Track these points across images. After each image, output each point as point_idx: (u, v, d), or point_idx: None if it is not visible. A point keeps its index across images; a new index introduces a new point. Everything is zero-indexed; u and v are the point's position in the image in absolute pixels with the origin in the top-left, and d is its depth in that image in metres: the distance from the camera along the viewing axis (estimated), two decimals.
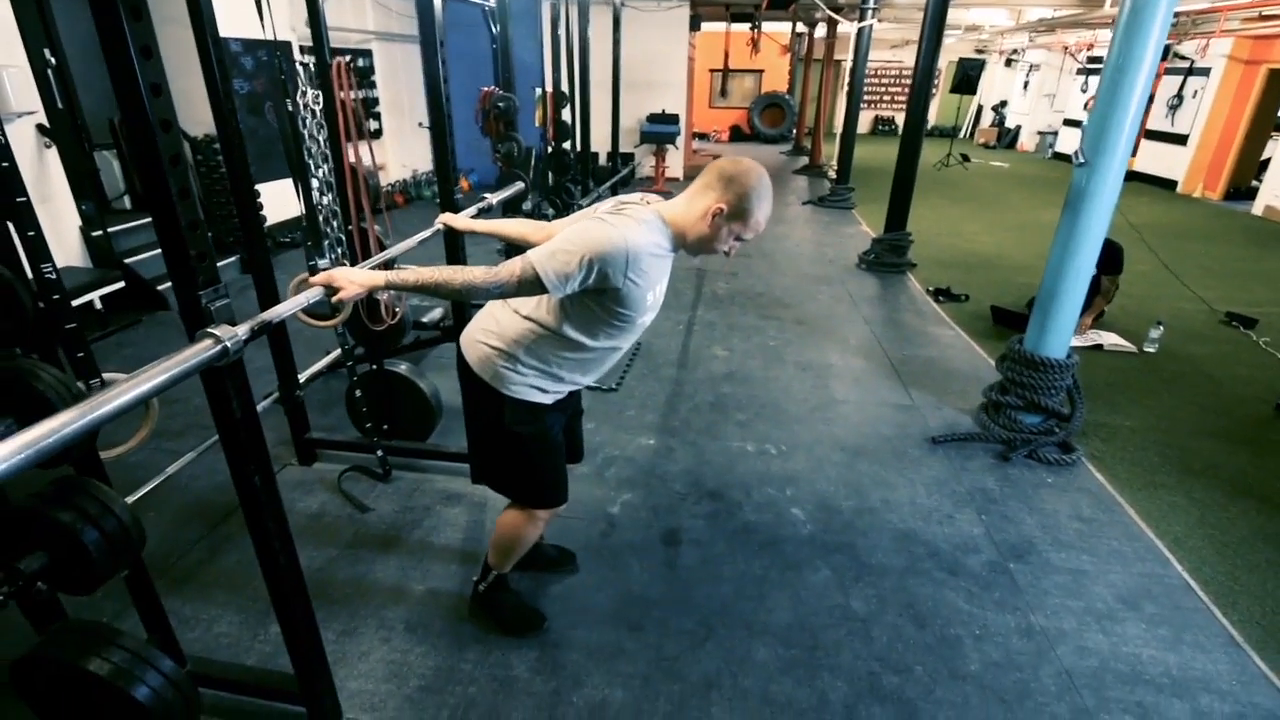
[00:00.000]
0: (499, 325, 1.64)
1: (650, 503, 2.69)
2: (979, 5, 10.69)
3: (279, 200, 5.63)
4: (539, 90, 5.41)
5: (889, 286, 5.65)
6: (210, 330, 1.14)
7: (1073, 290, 2.96)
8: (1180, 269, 5.71)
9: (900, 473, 2.92)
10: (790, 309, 4.97)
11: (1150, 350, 4.29)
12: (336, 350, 3.50)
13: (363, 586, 2.23)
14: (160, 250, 1.18)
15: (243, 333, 1.18)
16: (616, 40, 5.27)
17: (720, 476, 2.87)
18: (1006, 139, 16.61)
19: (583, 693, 1.86)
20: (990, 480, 2.88)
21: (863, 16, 7.95)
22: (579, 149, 5.19)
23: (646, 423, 3.30)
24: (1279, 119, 9.67)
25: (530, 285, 1.40)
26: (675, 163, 10.46)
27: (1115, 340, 4.36)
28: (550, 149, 5.07)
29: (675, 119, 9.87)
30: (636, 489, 2.78)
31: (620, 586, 2.25)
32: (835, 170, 9.39)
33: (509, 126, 4.39)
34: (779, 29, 14.71)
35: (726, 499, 2.72)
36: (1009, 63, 16.82)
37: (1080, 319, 3.15)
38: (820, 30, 12.84)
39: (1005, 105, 17.11)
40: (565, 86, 5.27)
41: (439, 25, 2.10)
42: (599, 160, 8.84)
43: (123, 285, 4.37)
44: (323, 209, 2.58)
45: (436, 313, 3.98)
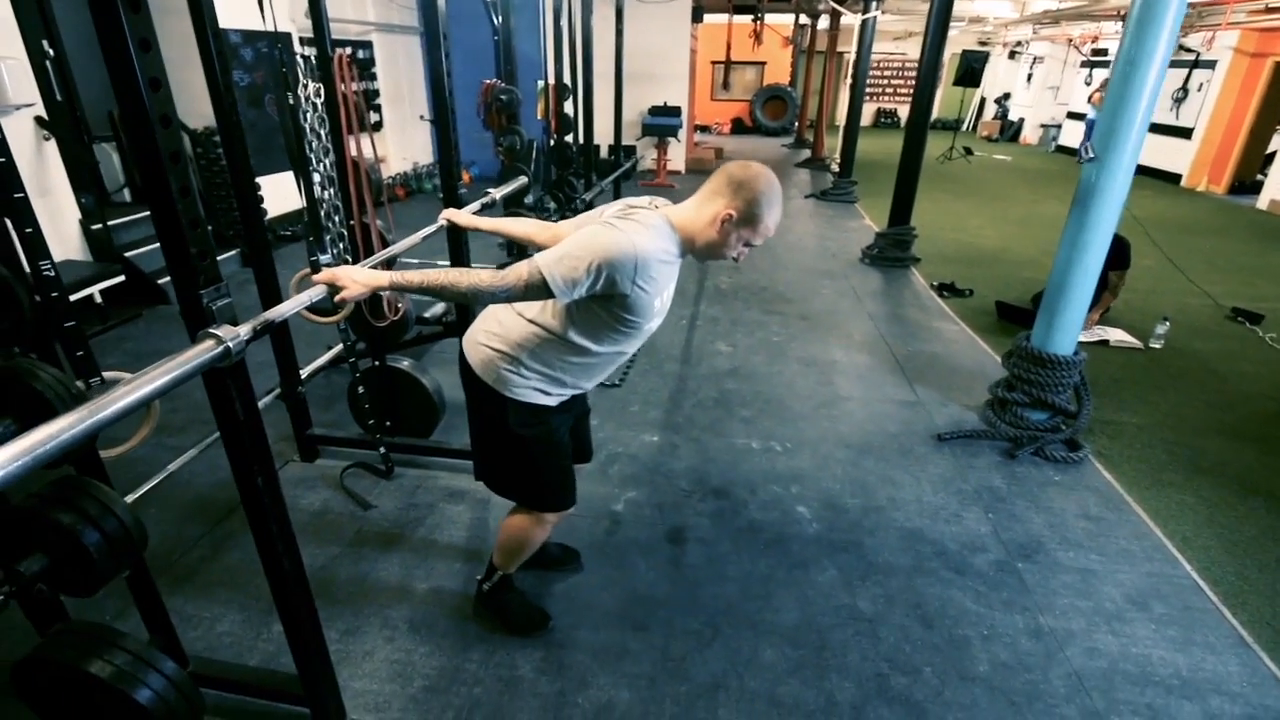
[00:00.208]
0: (502, 328, 1.62)
1: (655, 500, 2.67)
2: None
3: (280, 193, 5.60)
4: (541, 83, 5.37)
5: (893, 281, 5.62)
6: (212, 331, 1.11)
7: (1081, 286, 2.93)
8: (1185, 264, 5.68)
9: (906, 470, 2.90)
10: (793, 304, 4.94)
11: (1156, 346, 4.26)
12: (338, 346, 3.48)
13: (366, 585, 2.22)
14: (160, 244, 1.16)
15: (245, 333, 1.16)
16: (619, 31, 5.22)
17: (725, 474, 2.85)
18: (1009, 132, 16.53)
19: (588, 694, 1.85)
20: (997, 478, 2.86)
21: (866, 8, 7.89)
22: (582, 142, 5.14)
23: (650, 419, 3.28)
24: None
25: (537, 290, 1.38)
26: (677, 155, 10.41)
27: (1121, 336, 4.33)
28: (553, 142, 5.03)
29: (677, 111, 9.82)
30: (641, 486, 2.76)
31: (625, 585, 2.23)
32: (838, 164, 9.34)
33: (511, 120, 4.35)
34: (782, 21, 14.64)
35: (732, 497, 2.70)
36: (1013, 55, 16.74)
37: (1087, 315, 3.12)
38: (823, 22, 12.76)
39: (1008, 98, 17.02)
40: (567, 79, 5.22)
41: (442, 18, 2.06)
42: (600, 153, 8.78)
43: (123, 279, 4.35)
44: (324, 204, 2.55)
45: (439, 308, 3.95)
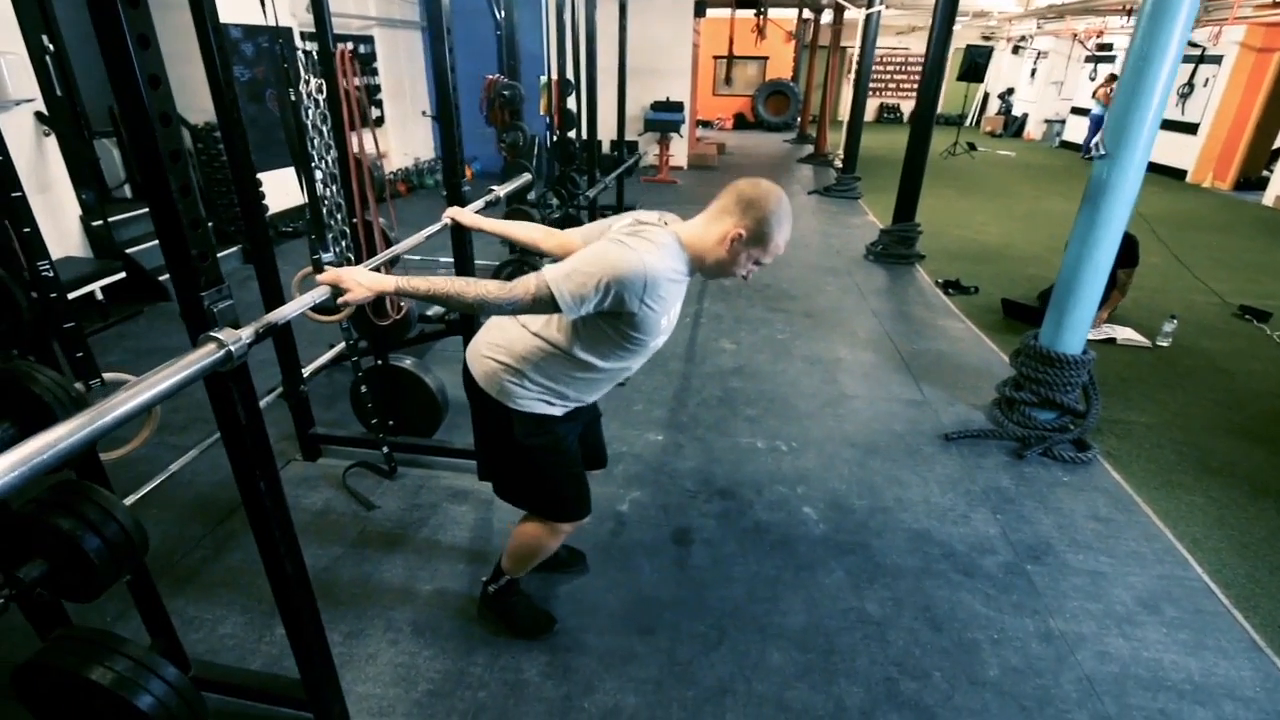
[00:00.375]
0: (507, 340, 1.61)
1: (660, 501, 2.65)
2: None
3: (281, 189, 5.58)
4: (543, 78, 5.32)
5: (897, 278, 5.59)
6: (213, 334, 1.09)
7: (1091, 285, 2.90)
8: (1191, 261, 5.64)
9: (913, 470, 2.87)
10: (798, 301, 4.91)
11: (1163, 344, 4.23)
12: (340, 344, 3.46)
13: (369, 587, 2.20)
14: (160, 245, 1.13)
15: (247, 337, 1.13)
16: (622, 26, 5.17)
17: (730, 474, 2.83)
18: (1013, 127, 16.46)
19: (595, 698, 1.83)
20: (1005, 479, 2.84)
21: (870, 3, 7.84)
22: (585, 138, 5.10)
23: (654, 418, 3.26)
24: None
25: (544, 304, 1.37)
26: (679, 151, 10.36)
27: (1128, 335, 4.30)
28: (555, 138, 4.99)
29: (680, 107, 9.77)
30: (646, 486, 2.73)
31: (631, 587, 2.21)
32: (841, 159, 9.30)
33: (514, 115, 4.32)
34: (785, 15, 14.57)
35: (737, 497, 2.68)
36: (1016, 50, 16.65)
37: (1096, 313, 3.09)
38: (826, 16, 12.69)
39: (1012, 93, 16.95)
40: (570, 74, 5.17)
41: (446, 12, 2.03)
42: (602, 149, 8.74)
43: (124, 276, 4.33)
44: (326, 201, 2.53)
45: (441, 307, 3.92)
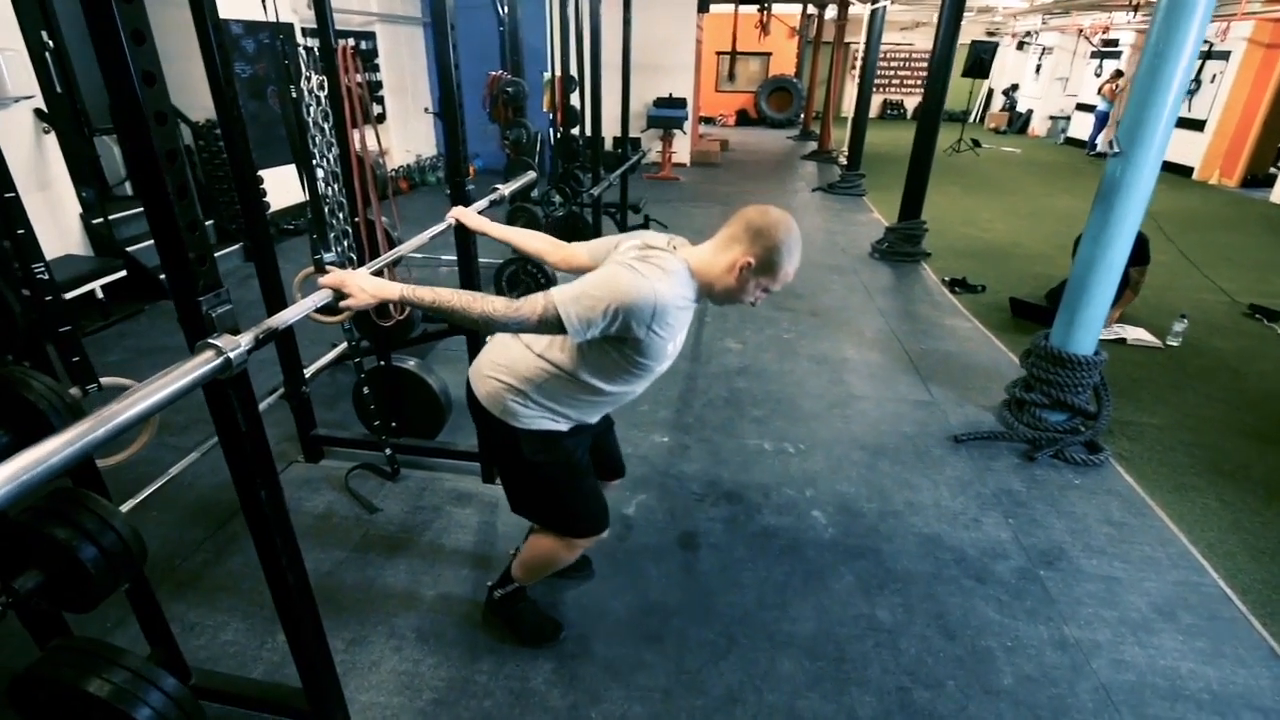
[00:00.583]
0: (509, 360, 1.60)
1: (666, 504, 2.61)
2: None
3: (283, 186, 5.53)
4: (547, 74, 5.27)
5: (903, 277, 5.54)
6: (211, 341, 1.05)
7: (1103, 285, 2.86)
8: (1199, 259, 5.59)
9: (923, 473, 2.83)
10: (803, 299, 4.87)
11: (1174, 344, 4.19)
12: (343, 344, 3.42)
13: (372, 592, 2.17)
14: (157, 248, 1.09)
15: (246, 343, 1.09)
16: (626, 21, 5.11)
17: (737, 476, 2.79)
18: (1017, 124, 16.38)
19: (602, 708, 1.79)
20: (1016, 481, 2.80)
21: None
22: (589, 135, 5.05)
23: (660, 419, 3.22)
24: None
25: (551, 325, 1.36)
26: (682, 148, 10.30)
27: (1139, 334, 4.25)
28: (559, 135, 4.94)
29: (683, 103, 9.71)
30: (651, 489, 2.70)
31: (638, 593, 2.18)
32: (846, 156, 9.24)
33: (518, 112, 4.27)
34: (788, 11, 14.49)
35: (745, 500, 2.64)
36: (1021, 46, 16.54)
37: (1108, 313, 3.04)
38: (830, 11, 12.61)
39: (1016, 89, 16.86)
40: (573, 70, 5.13)
41: (450, 8, 1.99)
42: (604, 146, 8.69)
43: (124, 274, 4.29)
44: (329, 200, 2.49)
45: None
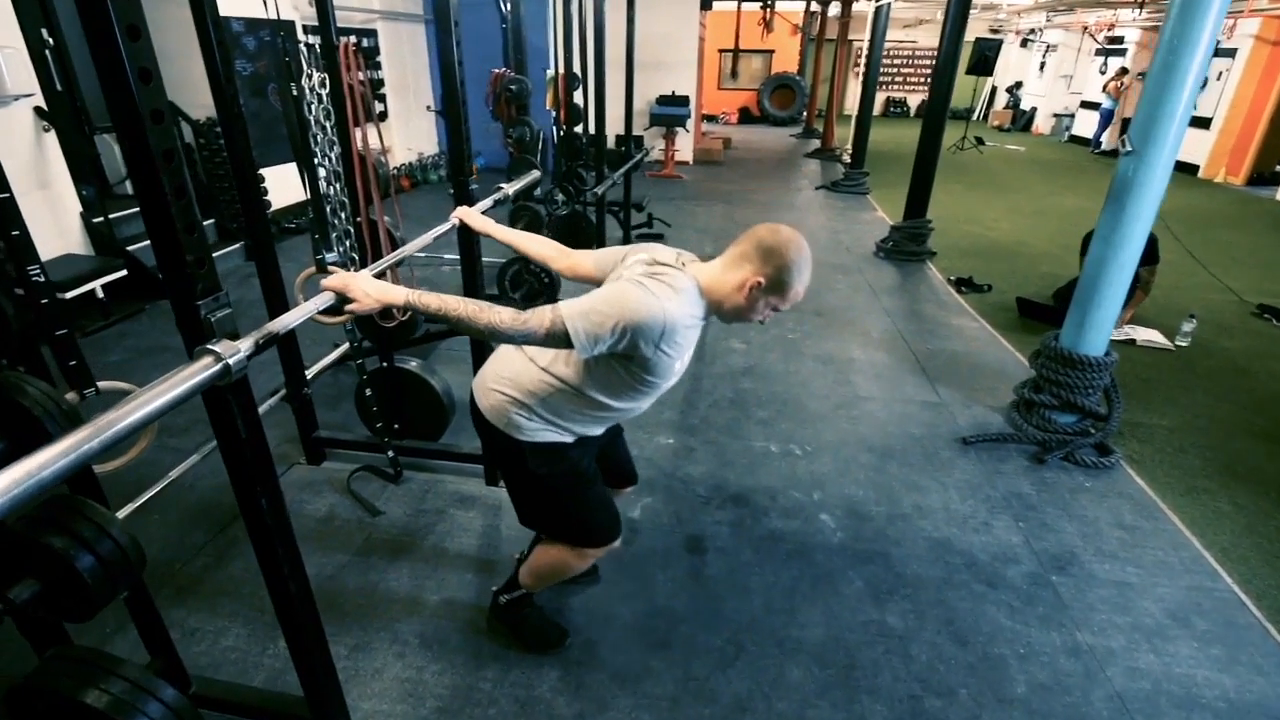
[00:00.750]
0: (513, 373, 1.57)
1: (672, 507, 2.58)
2: None
3: (284, 184, 5.50)
4: (550, 72, 5.23)
5: (909, 276, 5.50)
6: (210, 347, 1.02)
7: (1116, 284, 2.82)
8: (1206, 258, 5.54)
9: (932, 476, 2.80)
10: (808, 299, 4.78)
11: (1183, 344, 4.15)
12: (344, 344, 3.39)
13: (375, 597, 2.14)
14: (154, 251, 1.06)
15: (246, 348, 1.06)
16: (630, 18, 5.07)
17: (744, 479, 2.76)
18: (1021, 121, 16.31)
19: (608, 717, 1.76)
20: (1026, 484, 2.76)
21: None
22: (593, 133, 5.01)
23: (664, 420, 3.18)
24: None
25: (557, 340, 1.34)
26: (685, 146, 10.25)
27: (1148, 335, 4.21)
28: (562, 133, 4.91)
29: (685, 101, 9.65)
30: (657, 492, 2.67)
31: (644, 599, 2.15)
32: (849, 154, 9.19)
33: (521, 110, 4.24)
34: (792, 8, 14.42)
35: (752, 504, 2.61)
36: (1025, 43, 16.47)
37: (1120, 314, 3.01)
38: (834, 9, 12.56)
39: (1020, 86, 16.78)
40: (575, 68, 5.09)
41: (454, 5, 1.95)
42: (606, 144, 8.65)
43: (125, 274, 4.26)
44: (330, 199, 2.46)
45: None
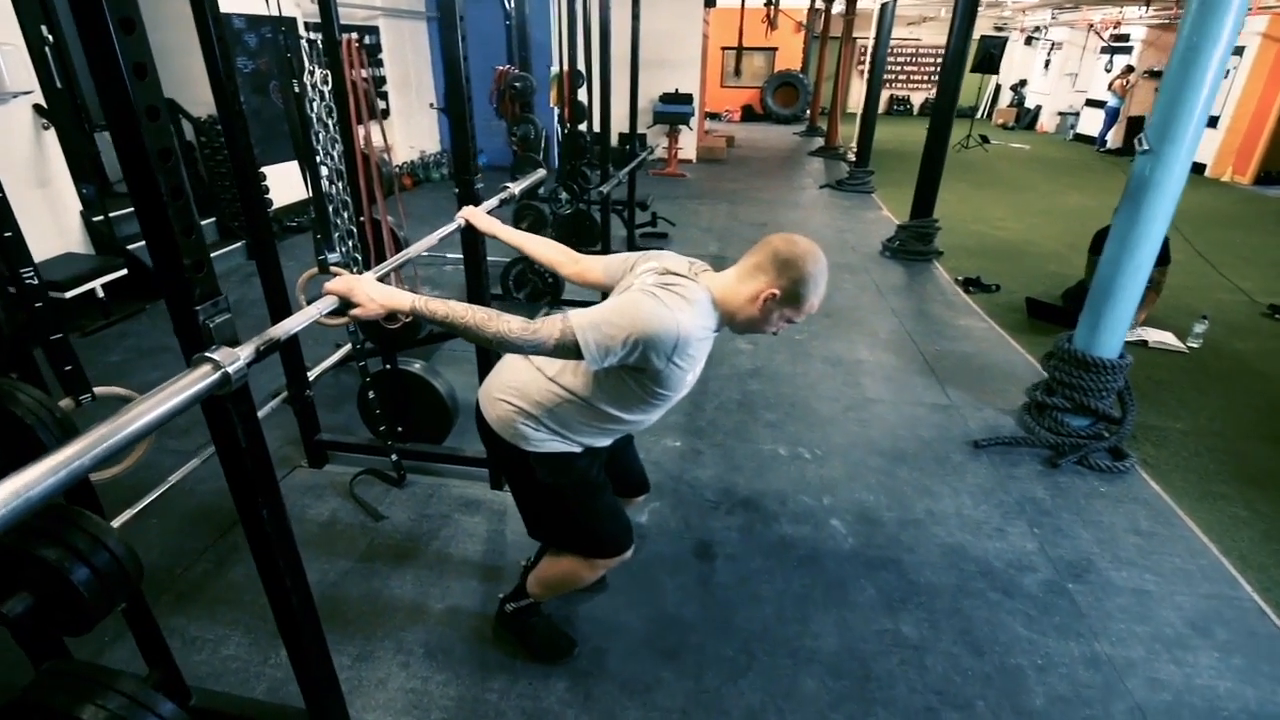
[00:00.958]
0: (520, 383, 1.54)
1: (680, 512, 2.54)
2: None
3: (286, 182, 5.46)
4: (554, 69, 5.18)
5: (915, 275, 5.45)
6: (209, 355, 0.97)
7: (1130, 286, 2.77)
8: (1216, 258, 5.47)
9: (943, 480, 2.75)
10: None
11: (1194, 345, 4.10)
12: (347, 345, 3.35)
13: (378, 604, 2.10)
14: (150, 254, 1.02)
15: (246, 356, 1.02)
16: (635, 15, 5.02)
17: (752, 483, 2.72)
18: (1026, 120, 16.22)
19: None
20: (1039, 489, 2.72)
21: None
22: (597, 131, 4.96)
23: (671, 423, 3.14)
24: None
25: (568, 351, 1.29)
26: (688, 144, 10.19)
27: (1160, 337, 4.15)
28: (566, 131, 4.86)
29: (689, 99, 9.59)
30: (664, 496, 2.62)
31: (653, 607, 2.11)
32: (854, 152, 9.12)
33: (525, 108, 4.19)
34: (796, 5, 14.35)
35: (761, 508, 2.56)
36: (1030, 40, 16.38)
37: (1134, 315, 2.96)
38: (838, 6, 12.48)
39: (1024, 85, 16.69)
40: (580, 65, 5.03)
41: (459, 1, 1.91)
42: (609, 142, 8.59)
43: (125, 273, 4.22)
44: (333, 198, 2.42)
45: None
